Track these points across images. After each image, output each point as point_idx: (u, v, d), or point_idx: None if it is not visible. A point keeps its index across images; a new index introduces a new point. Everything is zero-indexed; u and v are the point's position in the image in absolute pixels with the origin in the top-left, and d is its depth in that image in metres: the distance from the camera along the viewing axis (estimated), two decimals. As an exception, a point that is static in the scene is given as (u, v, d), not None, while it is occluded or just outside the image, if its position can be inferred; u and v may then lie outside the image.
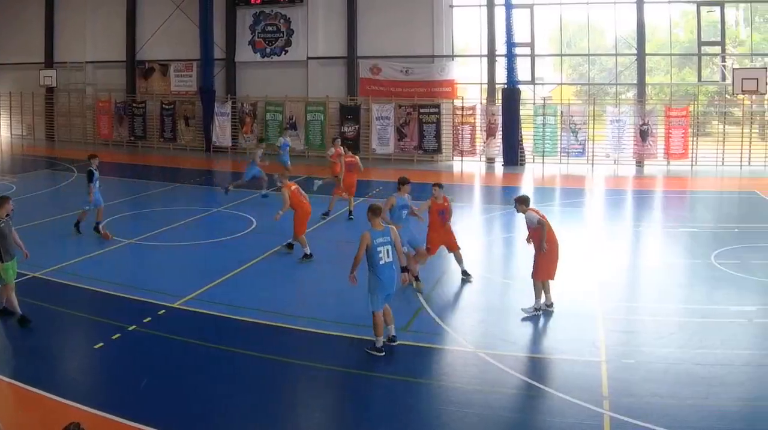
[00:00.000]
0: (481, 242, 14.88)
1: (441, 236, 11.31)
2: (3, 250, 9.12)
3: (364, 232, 8.41)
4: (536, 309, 9.89)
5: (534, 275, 9.97)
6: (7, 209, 9.28)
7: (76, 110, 31.08)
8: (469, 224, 16.26)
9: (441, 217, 11.18)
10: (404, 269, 9.00)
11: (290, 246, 13.10)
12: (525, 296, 10.39)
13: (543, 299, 10.01)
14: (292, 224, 12.75)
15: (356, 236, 8.73)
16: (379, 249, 8.29)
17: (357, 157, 16.36)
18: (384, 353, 8.53)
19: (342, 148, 16.89)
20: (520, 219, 10.20)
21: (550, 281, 10.10)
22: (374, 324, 8.48)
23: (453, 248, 11.46)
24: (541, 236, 9.79)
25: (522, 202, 10.09)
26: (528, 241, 10.15)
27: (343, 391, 7.97)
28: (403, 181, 11.13)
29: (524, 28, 25.81)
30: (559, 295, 10.49)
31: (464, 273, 11.50)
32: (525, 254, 11.37)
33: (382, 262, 8.30)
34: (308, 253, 12.56)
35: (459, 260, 11.54)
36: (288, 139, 21.49)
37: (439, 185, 11.31)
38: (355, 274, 8.53)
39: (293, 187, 12.65)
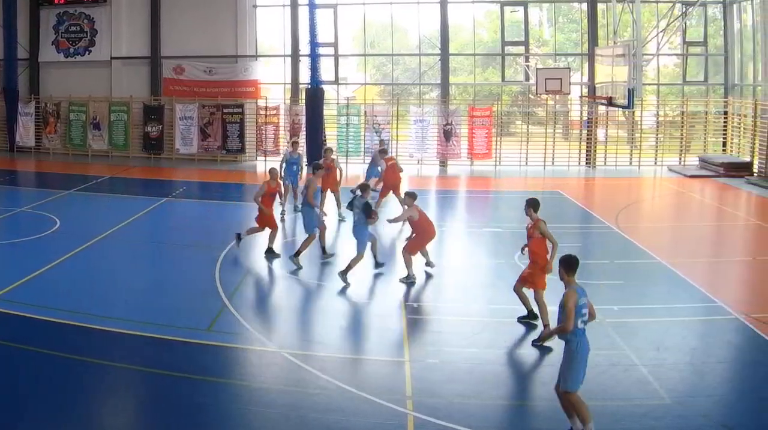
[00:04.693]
0: (283, 243, 14.36)
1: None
2: None
3: None
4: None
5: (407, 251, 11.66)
6: None
7: None
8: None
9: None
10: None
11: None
12: (333, 297, 10.75)
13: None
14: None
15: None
16: None
17: None
18: None
19: None
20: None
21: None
22: None
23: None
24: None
25: (409, 196, 11.97)
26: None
27: (145, 391, 7.94)
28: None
29: (328, 28, 25.80)
30: (363, 295, 10.90)
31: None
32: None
33: None
34: None
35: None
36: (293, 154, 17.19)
37: None
38: None
39: None
